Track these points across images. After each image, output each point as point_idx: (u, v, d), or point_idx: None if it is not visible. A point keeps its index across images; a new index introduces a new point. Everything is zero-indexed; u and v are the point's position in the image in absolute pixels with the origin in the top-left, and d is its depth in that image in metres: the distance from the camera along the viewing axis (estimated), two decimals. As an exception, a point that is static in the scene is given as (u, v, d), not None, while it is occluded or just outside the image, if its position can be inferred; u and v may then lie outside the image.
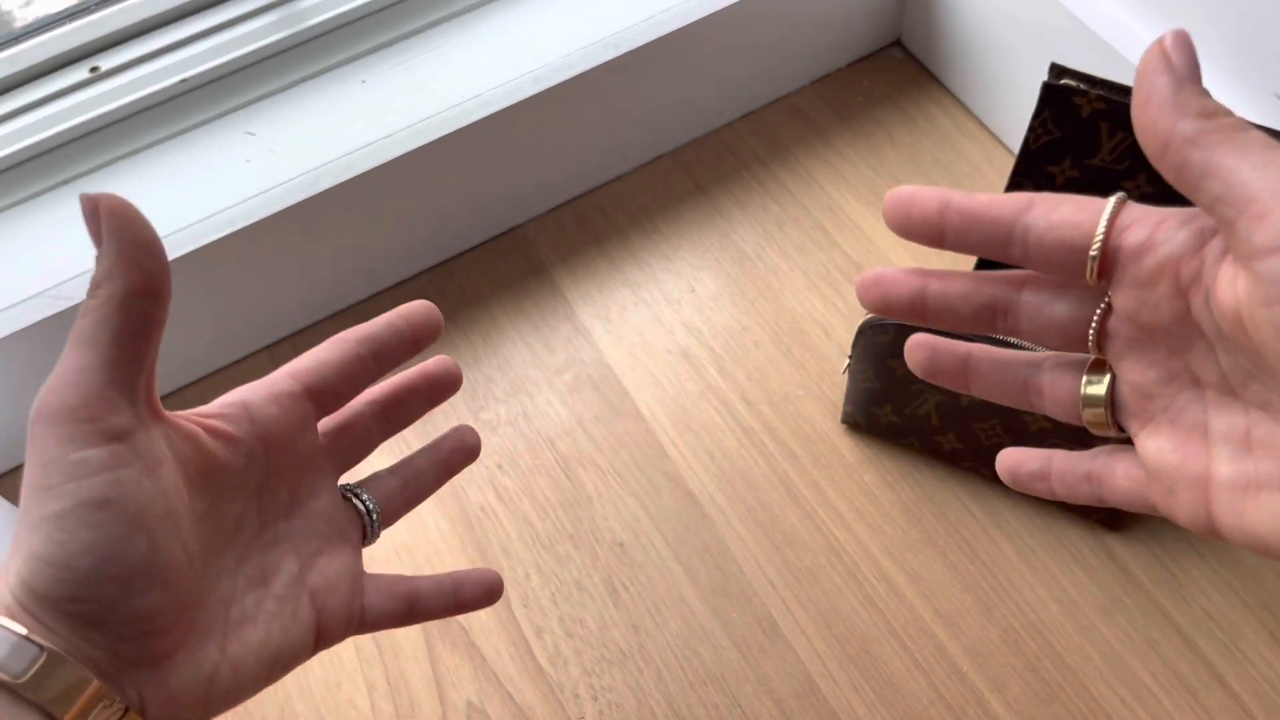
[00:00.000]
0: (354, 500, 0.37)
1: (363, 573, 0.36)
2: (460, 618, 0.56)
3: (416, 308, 0.38)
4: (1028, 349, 0.36)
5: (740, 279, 0.67)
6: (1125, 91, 0.46)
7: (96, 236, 0.28)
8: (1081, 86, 0.46)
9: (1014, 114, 0.69)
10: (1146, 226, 0.28)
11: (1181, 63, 0.26)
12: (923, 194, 0.30)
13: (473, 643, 0.55)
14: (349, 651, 0.56)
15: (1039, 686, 0.52)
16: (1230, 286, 0.25)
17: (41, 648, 0.26)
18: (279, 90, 0.64)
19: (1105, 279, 0.29)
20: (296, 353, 0.67)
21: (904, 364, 0.53)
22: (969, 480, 0.58)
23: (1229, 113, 0.25)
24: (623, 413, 0.62)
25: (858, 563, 0.56)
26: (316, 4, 0.65)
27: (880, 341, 0.53)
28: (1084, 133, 0.47)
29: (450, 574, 0.39)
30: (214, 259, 0.59)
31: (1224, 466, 0.28)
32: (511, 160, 0.66)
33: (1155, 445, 0.29)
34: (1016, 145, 0.68)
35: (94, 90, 0.62)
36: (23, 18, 0.64)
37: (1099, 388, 0.31)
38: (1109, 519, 0.56)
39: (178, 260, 0.57)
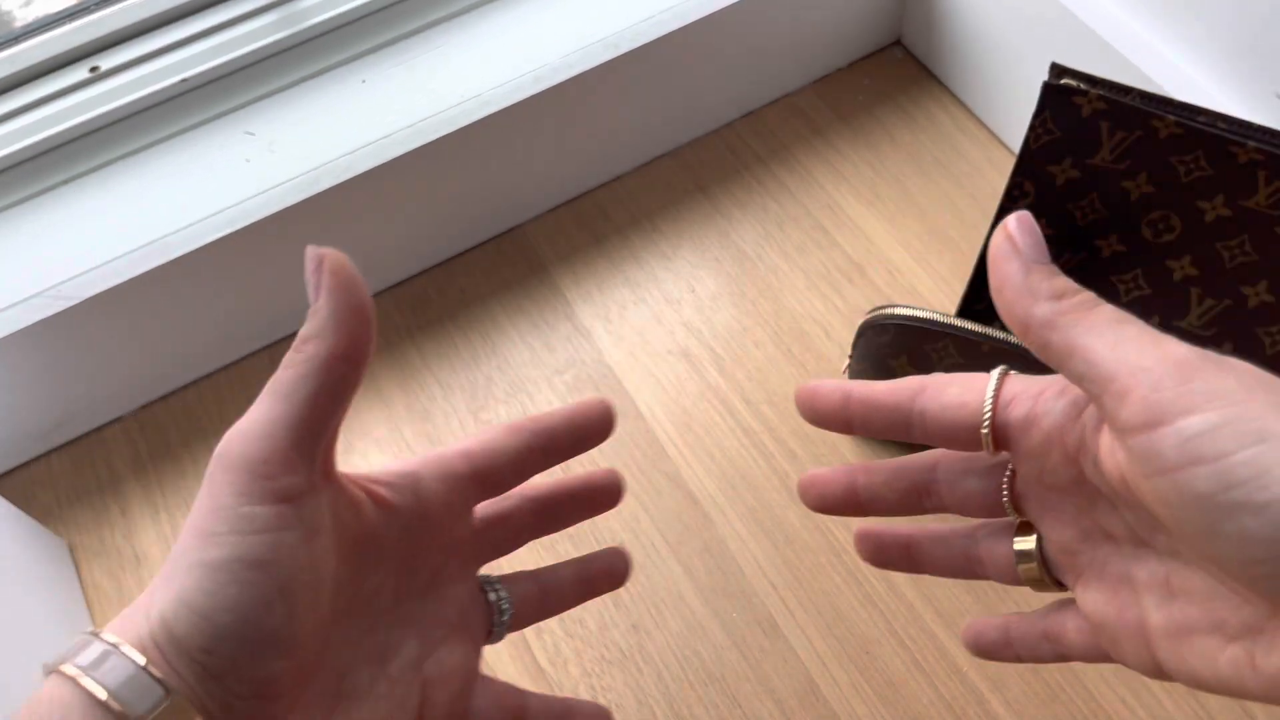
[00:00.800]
0: (490, 593, 0.36)
1: (478, 672, 0.35)
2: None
3: (595, 406, 0.36)
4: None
5: (740, 279, 0.67)
6: (1125, 91, 0.46)
7: (315, 291, 0.28)
8: (1082, 86, 0.46)
9: (1014, 113, 0.69)
10: (1028, 399, 0.29)
11: (1026, 244, 0.28)
12: (824, 388, 0.32)
13: (473, 643, 0.55)
14: (349, 651, 0.56)
15: (1039, 686, 0.52)
16: (1111, 456, 0.27)
17: (165, 687, 0.26)
18: (279, 90, 0.64)
19: (1004, 449, 0.30)
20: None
21: (904, 364, 0.53)
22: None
23: (1078, 289, 0.27)
24: (623, 413, 0.62)
25: (858, 563, 0.56)
26: (316, 4, 0.65)
27: (880, 342, 0.53)
28: (1084, 132, 0.47)
29: (564, 700, 0.37)
30: (214, 259, 0.59)
31: (1155, 615, 0.28)
32: (511, 160, 0.66)
33: (1090, 600, 0.30)
34: (1017, 145, 0.68)
35: (94, 90, 0.62)
36: (22, 17, 0.64)
37: (1028, 546, 0.33)
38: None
39: (177, 260, 0.57)
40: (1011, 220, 0.28)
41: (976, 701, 0.52)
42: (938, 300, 0.65)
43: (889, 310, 0.52)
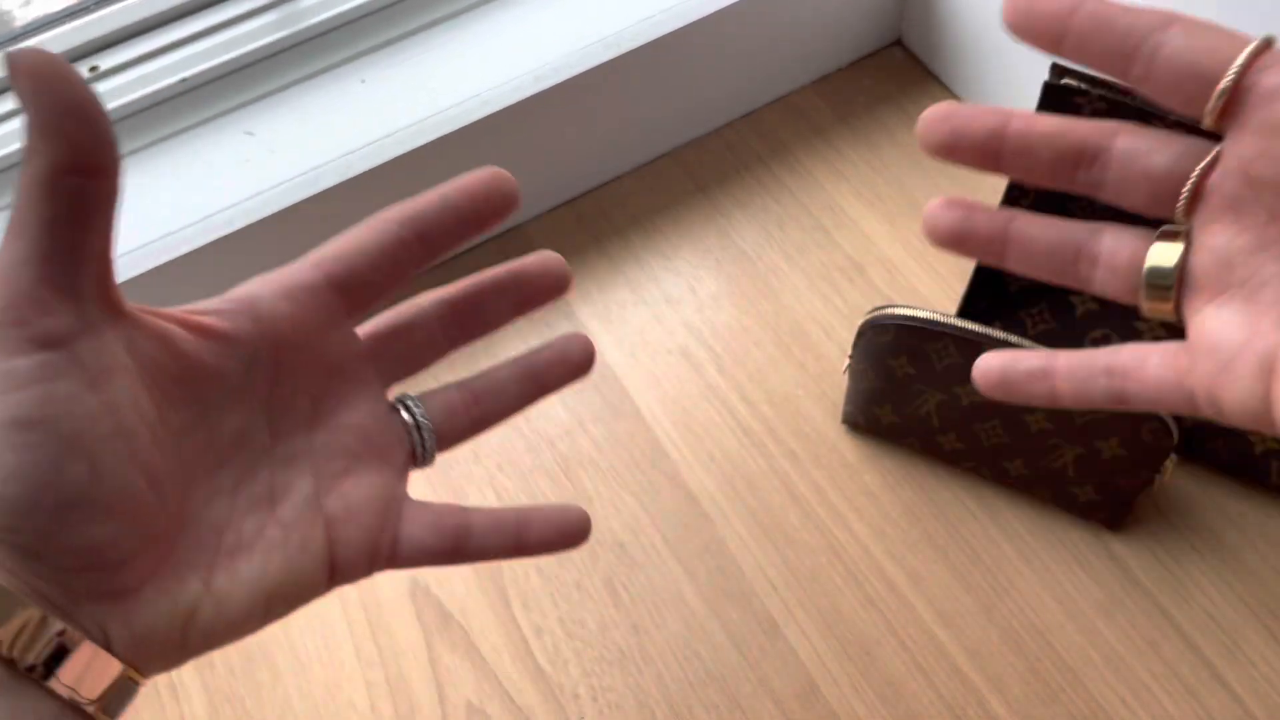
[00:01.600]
0: (403, 412, 0.31)
1: (404, 498, 0.31)
2: (459, 617, 0.56)
3: (477, 175, 0.31)
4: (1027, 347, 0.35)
5: (740, 279, 0.67)
6: (1126, 92, 0.46)
7: (21, 100, 0.23)
8: (1082, 86, 0.46)
9: (1014, 113, 0.69)
10: None
11: None
12: None
13: (472, 643, 0.55)
14: (348, 652, 0.56)
15: (1039, 687, 0.52)
16: None
17: None
18: (278, 90, 0.64)
19: (1227, 120, 0.26)
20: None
21: (904, 364, 0.53)
22: (970, 481, 0.58)
23: None
24: (623, 413, 0.62)
25: (858, 563, 0.56)
26: (316, 3, 0.64)
27: (881, 342, 0.53)
28: None
29: (518, 509, 0.31)
30: (213, 259, 0.59)
31: None
32: (511, 160, 0.66)
33: (1221, 319, 0.27)
34: (1017, 145, 0.68)
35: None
36: (22, 17, 0.64)
37: (1169, 258, 0.28)
38: (1110, 519, 0.56)
39: (178, 260, 0.57)
40: None
41: (977, 702, 0.52)
42: (938, 300, 0.65)
43: (889, 310, 0.52)
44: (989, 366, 0.31)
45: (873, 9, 0.74)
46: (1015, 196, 0.51)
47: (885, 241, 0.68)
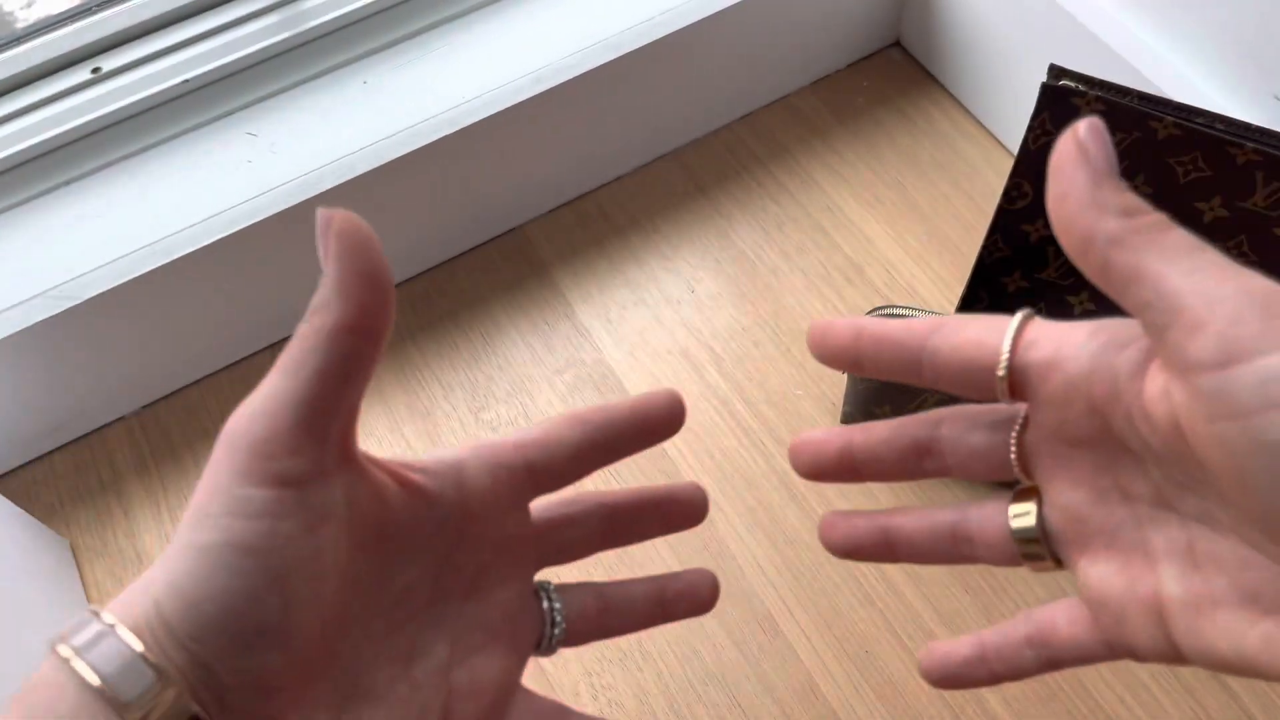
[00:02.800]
0: (544, 601, 0.33)
1: (518, 687, 0.32)
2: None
3: (662, 398, 0.33)
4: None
5: (740, 279, 0.67)
6: (1124, 92, 0.46)
7: (324, 257, 0.25)
8: (1080, 87, 0.46)
9: (1013, 115, 0.69)
10: (1052, 342, 0.27)
11: (1097, 154, 0.25)
12: (839, 323, 0.30)
13: (473, 642, 0.55)
14: (350, 651, 0.56)
15: (1038, 685, 0.53)
16: (1163, 398, 0.24)
17: (157, 673, 0.24)
18: (280, 91, 0.64)
19: (1019, 398, 0.28)
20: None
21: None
22: (969, 485, 0.59)
23: (1149, 209, 0.24)
24: (623, 413, 0.63)
25: (857, 562, 0.56)
26: (318, 5, 0.65)
27: (880, 341, 0.53)
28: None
29: None
30: (216, 260, 0.59)
31: (1173, 586, 0.26)
32: (511, 160, 0.66)
33: (1097, 573, 0.28)
34: (1015, 146, 0.69)
35: (96, 91, 0.62)
36: (25, 19, 0.64)
37: (1028, 519, 0.30)
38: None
39: (180, 260, 0.58)
40: (1082, 125, 0.25)
41: (975, 700, 0.52)
42: (936, 301, 0.65)
43: (888, 311, 0.52)
44: (930, 666, 0.32)
45: (871, 10, 0.74)
46: (1015, 198, 0.51)
47: (884, 242, 0.68)
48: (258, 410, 0.25)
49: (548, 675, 0.54)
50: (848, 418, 0.60)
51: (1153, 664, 0.28)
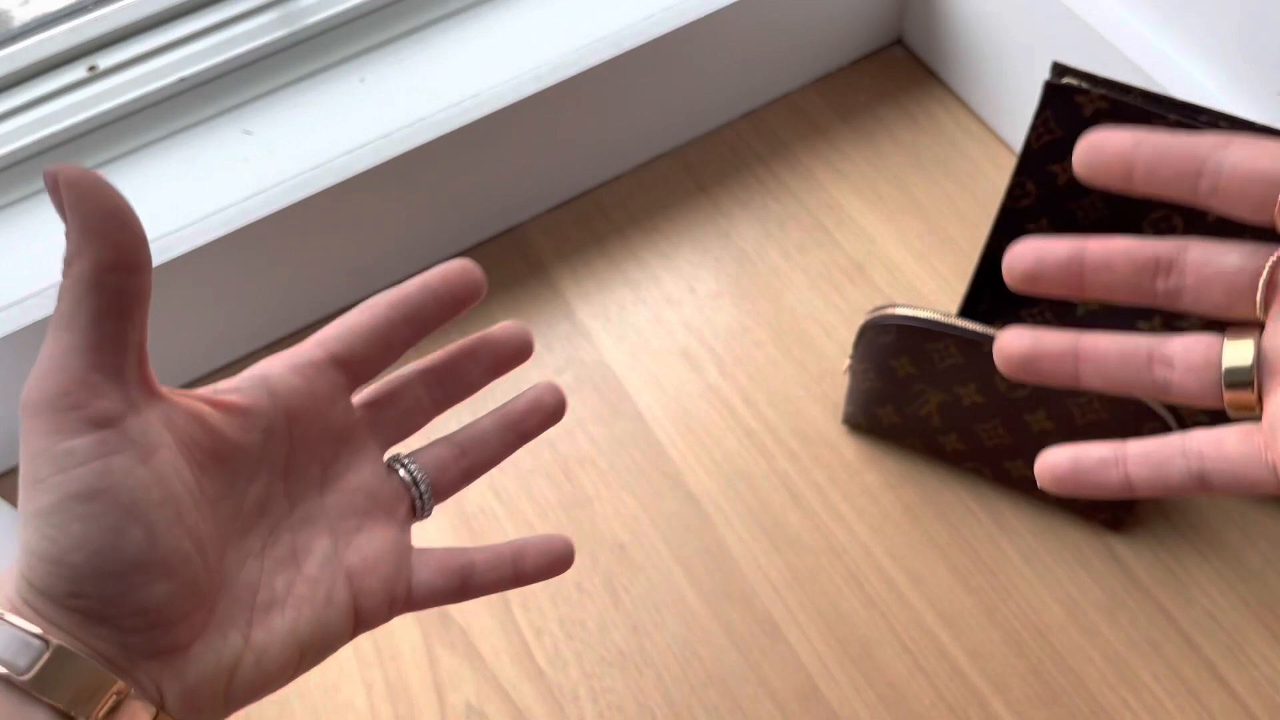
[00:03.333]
0: (400, 471, 0.34)
1: (410, 549, 0.34)
2: (458, 618, 0.56)
3: (453, 268, 0.34)
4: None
5: (741, 278, 0.67)
6: (1127, 90, 0.45)
7: (60, 210, 0.26)
8: (1083, 85, 0.46)
9: (1016, 113, 0.69)
10: None
11: None
12: (1114, 133, 0.29)
13: (472, 644, 0.55)
14: (347, 653, 0.55)
15: (1041, 688, 0.52)
16: None
17: (46, 643, 0.25)
18: (277, 89, 0.64)
19: None
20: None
21: (905, 364, 0.53)
22: (971, 481, 0.58)
23: None
24: (623, 413, 0.62)
25: (859, 564, 0.56)
26: (314, 3, 0.64)
27: (882, 342, 0.52)
28: (1086, 131, 0.46)
29: (511, 544, 0.35)
30: (212, 258, 0.58)
31: None
32: (511, 158, 0.66)
33: None
34: (1018, 144, 0.68)
35: (92, 89, 0.62)
36: (21, 16, 0.63)
37: (1244, 353, 0.29)
38: (1112, 519, 0.56)
39: (176, 260, 0.57)
40: None
41: (978, 703, 0.52)
42: (939, 300, 0.65)
43: (890, 310, 0.52)
44: (1054, 462, 0.32)
45: (873, 8, 0.73)
46: (1018, 196, 0.50)
47: (886, 241, 0.67)
48: (47, 369, 0.26)
49: (546, 678, 0.54)
50: (849, 416, 0.60)
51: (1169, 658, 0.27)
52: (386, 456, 0.35)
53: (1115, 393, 0.31)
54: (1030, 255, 0.30)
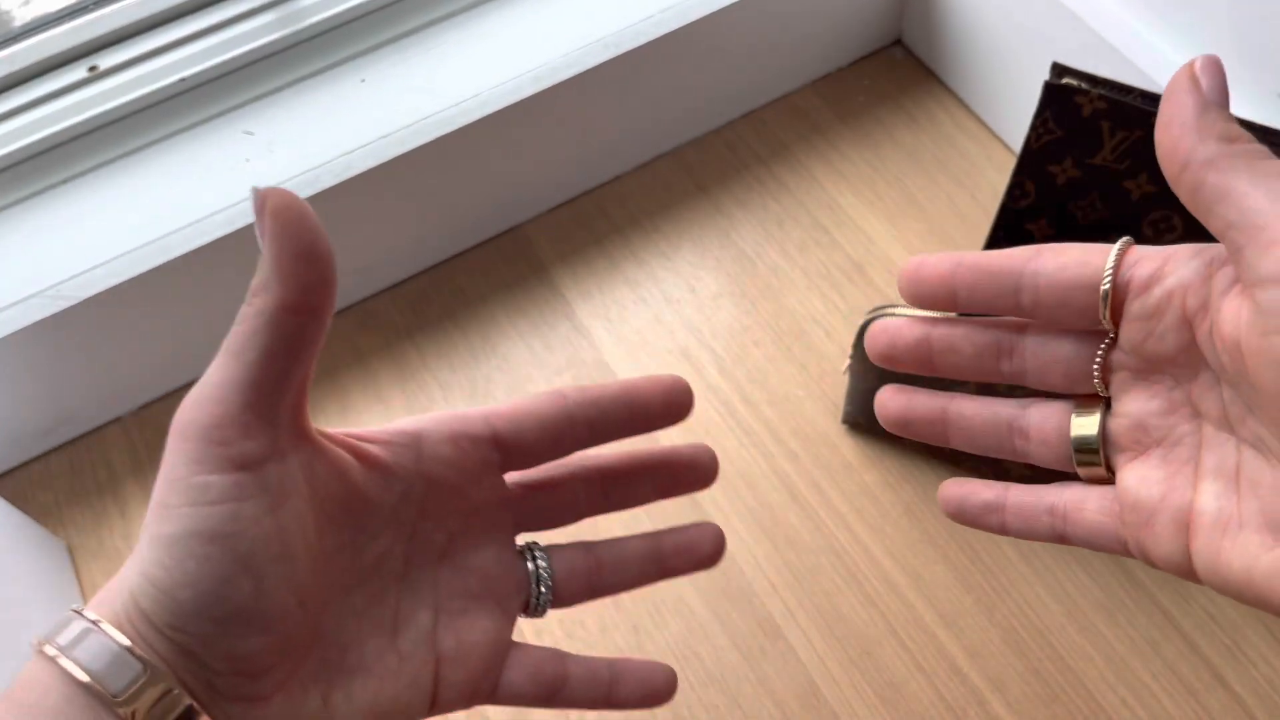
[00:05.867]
0: (529, 562, 0.33)
1: (509, 644, 0.33)
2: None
3: (662, 381, 0.32)
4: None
5: (740, 278, 0.67)
6: (1126, 91, 0.46)
7: (260, 235, 0.25)
8: (1083, 86, 0.46)
9: (1015, 113, 0.69)
10: (1155, 260, 0.28)
11: (1210, 86, 0.26)
12: (934, 258, 0.31)
13: (472, 643, 0.55)
14: (348, 652, 0.55)
15: (1040, 687, 0.52)
16: (1233, 316, 0.25)
17: (144, 664, 0.25)
18: (278, 89, 0.64)
19: (1116, 319, 0.29)
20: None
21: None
22: (970, 480, 0.58)
23: (1251, 139, 0.25)
24: (623, 413, 0.62)
25: (858, 563, 0.56)
26: (315, 3, 0.64)
27: (881, 341, 0.52)
28: (1085, 132, 0.47)
29: (611, 662, 0.33)
30: (213, 259, 0.58)
31: (1209, 502, 0.27)
32: (511, 160, 0.66)
33: (1140, 475, 0.29)
34: (1018, 144, 0.68)
35: (92, 89, 0.62)
36: (21, 16, 0.63)
37: (1090, 425, 0.31)
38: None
39: (177, 260, 0.57)
40: (1199, 59, 0.26)
41: (977, 702, 0.52)
42: (938, 300, 0.65)
43: (889, 311, 0.52)
44: (949, 495, 0.34)
45: (873, 9, 0.73)
46: (1017, 197, 0.50)
47: (886, 241, 0.68)
48: (205, 397, 0.26)
49: (547, 677, 0.54)
50: (848, 416, 0.60)
51: (1162, 570, 0.29)
52: (521, 541, 0.33)
53: (984, 454, 0.33)
54: (884, 338, 0.32)
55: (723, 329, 0.65)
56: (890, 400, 0.34)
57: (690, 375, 0.63)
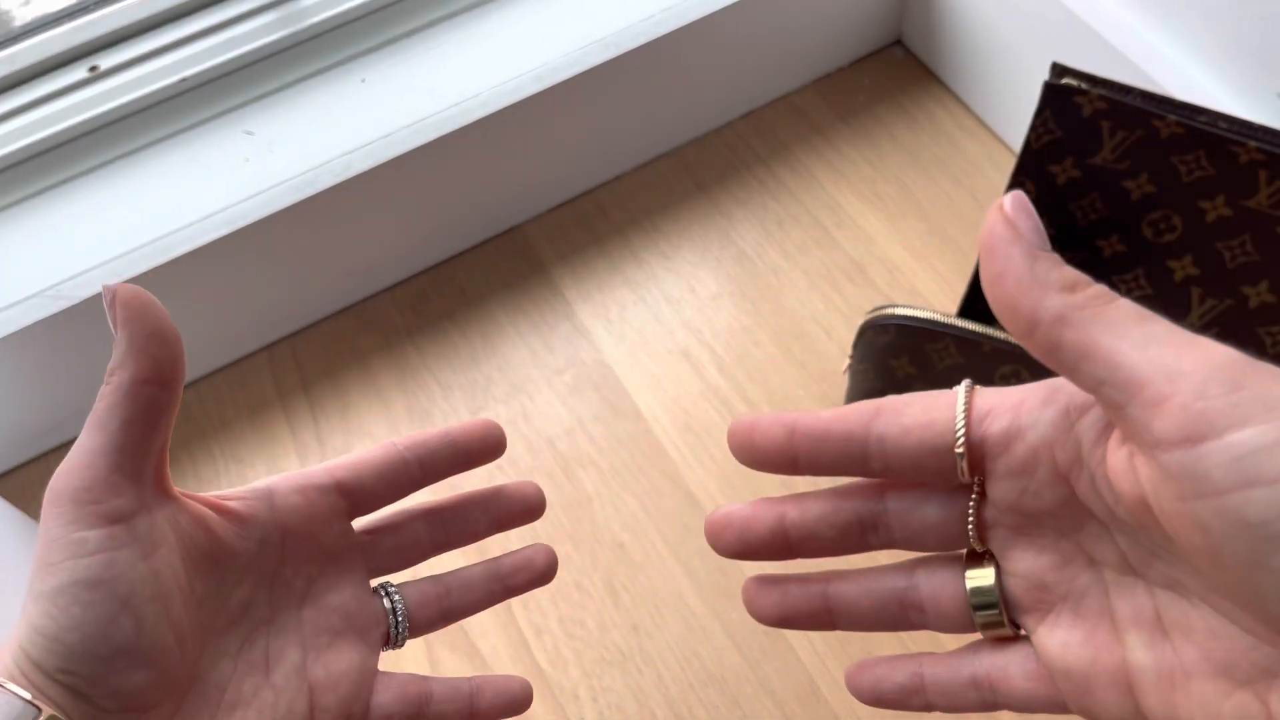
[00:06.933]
0: (384, 599, 0.36)
1: (374, 672, 0.35)
2: (460, 618, 0.56)
3: (475, 426, 0.36)
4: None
5: (741, 278, 0.67)
6: (1126, 91, 0.46)
7: (112, 324, 0.28)
8: (1083, 86, 0.46)
9: (1015, 113, 0.69)
10: (1006, 411, 0.26)
11: (1026, 228, 0.24)
12: (764, 421, 0.28)
13: (472, 643, 0.55)
14: (348, 652, 0.55)
15: (1040, 687, 0.52)
16: (1129, 474, 0.23)
17: (38, 710, 0.27)
18: (278, 89, 0.64)
19: (976, 472, 0.27)
20: (294, 353, 0.66)
21: (905, 364, 0.53)
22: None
23: (1090, 281, 0.24)
24: (623, 413, 0.62)
25: (858, 563, 0.56)
26: (315, 3, 0.64)
27: (881, 342, 0.52)
28: (1085, 132, 0.47)
29: (470, 680, 0.36)
30: (212, 259, 0.59)
31: (1142, 655, 0.26)
32: (511, 160, 0.66)
33: (1059, 640, 0.27)
34: (1018, 144, 0.68)
35: (93, 89, 0.62)
36: (22, 17, 0.64)
37: (985, 583, 0.29)
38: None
39: (176, 260, 0.57)
40: (1006, 200, 0.24)
41: (977, 702, 0.52)
42: (938, 300, 0.65)
43: (889, 310, 0.52)
44: (859, 684, 0.32)
45: (873, 8, 0.73)
46: (1020, 182, 0.50)
47: (885, 241, 0.67)
48: (75, 465, 0.29)
49: (546, 677, 0.54)
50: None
51: None
52: (375, 583, 0.36)
53: (880, 632, 0.31)
54: (731, 534, 0.30)
55: (723, 329, 0.65)
56: (759, 596, 0.32)
57: (690, 375, 0.63)
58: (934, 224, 0.68)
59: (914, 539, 0.29)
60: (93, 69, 0.62)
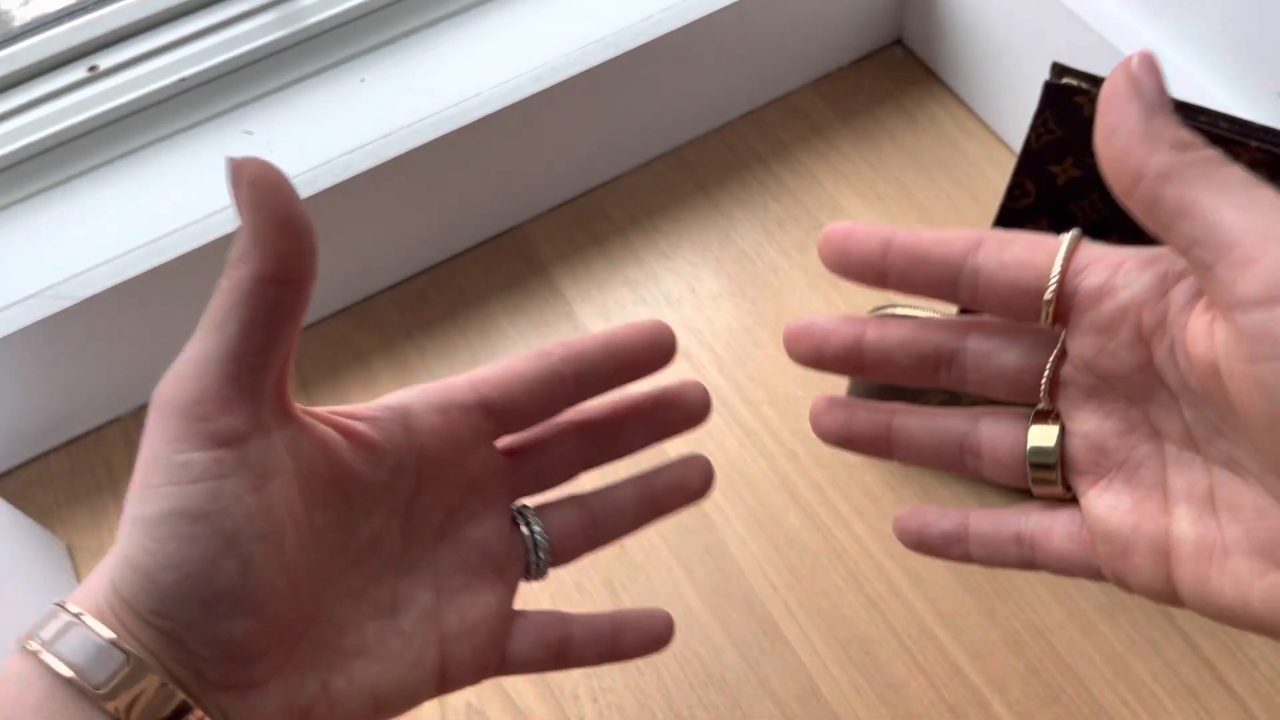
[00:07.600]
0: (523, 528, 0.32)
1: (512, 615, 0.32)
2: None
3: (642, 328, 0.32)
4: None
5: (741, 278, 0.67)
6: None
7: (236, 206, 0.25)
8: (1083, 86, 0.46)
9: (1015, 113, 0.69)
10: (1105, 268, 0.26)
11: (1150, 87, 0.24)
12: (861, 231, 0.28)
13: (472, 644, 0.55)
14: (348, 652, 0.55)
15: (1040, 688, 0.52)
16: (1205, 337, 0.23)
17: (127, 655, 0.24)
18: (277, 89, 0.64)
19: (1061, 323, 0.27)
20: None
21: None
22: (971, 481, 0.58)
23: (1203, 144, 0.23)
24: (623, 413, 0.62)
25: (859, 564, 0.56)
26: (315, 3, 0.64)
27: (881, 341, 0.52)
28: (1085, 132, 0.47)
29: (610, 616, 0.32)
30: (212, 259, 0.58)
31: (1186, 528, 0.26)
32: (511, 160, 0.66)
33: (1108, 504, 0.28)
34: (1018, 144, 0.68)
35: (92, 89, 0.62)
36: (21, 16, 0.63)
37: (1047, 442, 0.29)
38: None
39: (177, 259, 0.57)
40: (1135, 58, 0.24)
41: (978, 703, 0.52)
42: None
43: (890, 310, 0.52)
44: (905, 528, 0.32)
45: (873, 8, 0.73)
46: (1017, 197, 0.50)
47: (886, 241, 0.67)
48: (184, 373, 0.25)
49: (545, 677, 0.54)
50: (849, 418, 0.59)
51: (1147, 599, 0.27)
52: (514, 506, 0.32)
53: (933, 469, 0.31)
54: (809, 343, 0.30)
55: (723, 329, 0.65)
56: (825, 415, 0.31)
57: (690, 375, 0.63)
58: (934, 224, 0.68)
59: (986, 382, 0.29)
60: (92, 69, 0.62)
